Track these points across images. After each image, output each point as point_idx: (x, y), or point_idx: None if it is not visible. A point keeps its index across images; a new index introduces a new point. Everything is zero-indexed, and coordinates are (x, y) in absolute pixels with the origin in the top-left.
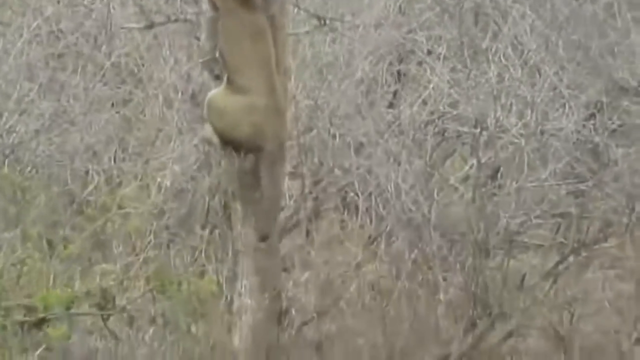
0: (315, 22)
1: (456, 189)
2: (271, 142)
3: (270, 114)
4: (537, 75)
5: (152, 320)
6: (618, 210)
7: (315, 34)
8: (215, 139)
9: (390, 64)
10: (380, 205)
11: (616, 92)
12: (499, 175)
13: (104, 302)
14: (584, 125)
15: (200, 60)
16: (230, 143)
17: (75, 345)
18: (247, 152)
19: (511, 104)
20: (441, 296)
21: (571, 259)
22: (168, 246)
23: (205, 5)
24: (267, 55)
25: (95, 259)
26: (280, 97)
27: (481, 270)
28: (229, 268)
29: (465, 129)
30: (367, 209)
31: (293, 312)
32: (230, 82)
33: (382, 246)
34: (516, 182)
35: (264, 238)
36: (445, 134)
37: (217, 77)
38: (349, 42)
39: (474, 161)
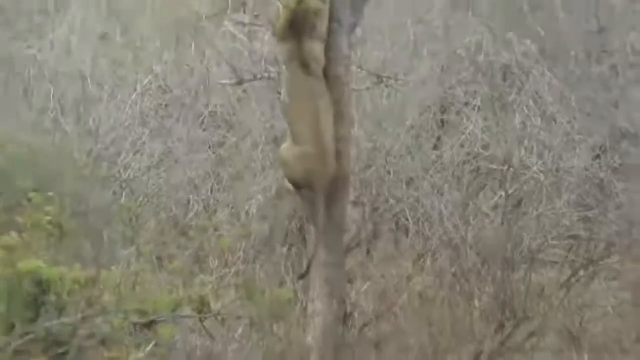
0: (374, 79)
1: (487, 215)
2: (320, 181)
3: (316, 159)
4: (553, 123)
5: (241, 322)
6: (619, 233)
7: (375, 89)
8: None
9: (434, 113)
10: (427, 229)
11: (618, 137)
12: (522, 204)
13: (202, 307)
14: (591, 164)
15: (281, 111)
16: (293, 184)
17: (178, 342)
18: (304, 189)
19: (532, 147)
20: (476, 303)
21: (581, 272)
22: (254, 261)
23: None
24: (317, 111)
25: (195, 272)
26: (327, 145)
27: (508, 281)
28: (304, 279)
29: (495, 167)
30: (415, 232)
31: (355, 315)
32: (290, 134)
33: (428, 262)
34: (536, 210)
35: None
36: (479, 171)
37: None
38: (402, 96)
39: (502, 193)
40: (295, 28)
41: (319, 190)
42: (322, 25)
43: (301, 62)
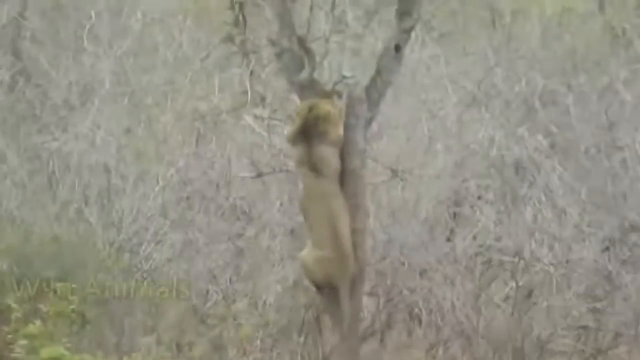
0: (389, 173)
1: (499, 306)
2: (341, 282)
3: (335, 263)
4: (564, 216)
5: None
6: (627, 324)
7: (390, 183)
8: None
9: (448, 206)
10: (439, 319)
11: (627, 230)
12: (532, 295)
13: None
14: (600, 256)
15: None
16: (315, 286)
17: None
18: (324, 289)
19: (543, 239)
20: None
21: None
22: (272, 349)
23: None
24: (333, 215)
25: None
26: (345, 247)
27: None
28: None
29: (507, 259)
30: (428, 322)
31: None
32: (309, 237)
33: (440, 351)
34: (546, 301)
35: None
36: (491, 262)
37: None
38: (416, 189)
39: (513, 284)
40: (306, 134)
41: (341, 289)
42: (335, 130)
43: (311, 166)
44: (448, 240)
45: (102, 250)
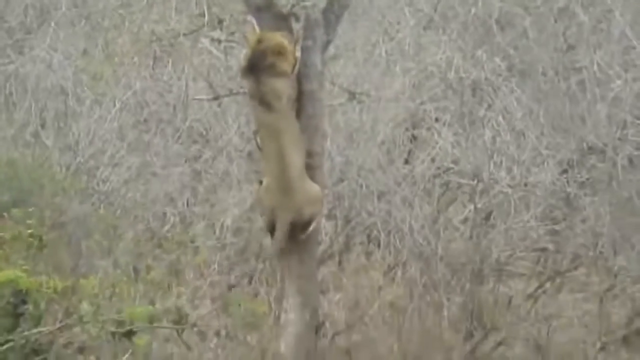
0: (347, 95)
1: (457, 228)
2: (281, 213)
3: (280, 196)
4: (522, 138)
5: (216, 332)
6: (585, 246)
7: (347, 105)
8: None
9: (406, 129)
10: (398, 241)
11: (585, 152)
12: (491, 217)
13: (179, 318)
14: (558, 179)
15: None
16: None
17: (155, 351)
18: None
19: (501, 161)
20: (445, 313)
21: (548, 284)
22: (229, 273)
23: None
24: (281, 151)
25: (172, 283)
26: (291, 182)
27: (477, 293)
28: (277, 289)
29: (465, 181)
30: (387, 244)
31: (327, 325)
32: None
33: (399, 273)
34: (505, 223)
35: None
36: (449, 185)
37: None
38: (374, 112)
39: (472, 206)
40: (255, 67)
41: (279, 221)
42: (285, 62)
43: (260, 99)
44: (406, 162)
45: (59, 173)
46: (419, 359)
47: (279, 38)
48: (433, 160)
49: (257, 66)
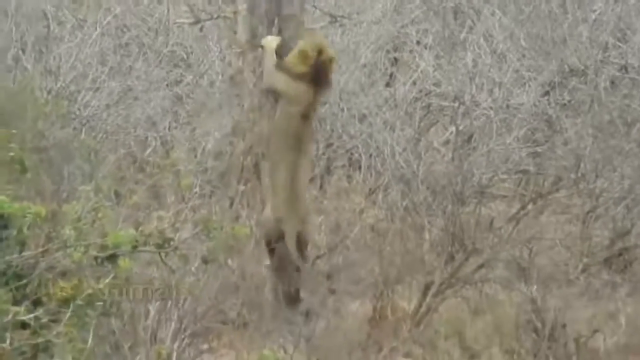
0: (328, 19)
1: (439, 151)
2: (292, 222)
3: (288, 205)
4: (504, 61)
5: (198, 256)
6: (567, 168)
7: (329, 28)
8: None
9: (387, 52)
10: (379, 164)
11: (566, 74)
12: (473, 140)
13: (161, 242)
14: (540, 101)
15: (236, 50)
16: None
17: (137, 274)
18: None
19: (483, 84)
20: (426, 236)
21: (530, 206)
22: (210, 197)
23: (240, 6)
24: (297, 161)
25: (154, 207)
26: (301, 189)
27: (458, 215)
28: (258, 213)
29: (447, 104)
30: (368, 167)
31: (309, 248)
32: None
33: (380, 196)
34: (487, 146)
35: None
36: (431, 108)
37: None
38: (355, 35)
39: (453, 129)
40: (315, 80)
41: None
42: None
43: (305, 111)
44: (387, 85)
45: (40, 97)
46: (400, 282)
47: (331, 50)
48: (414, 83)
49: (318, 80)
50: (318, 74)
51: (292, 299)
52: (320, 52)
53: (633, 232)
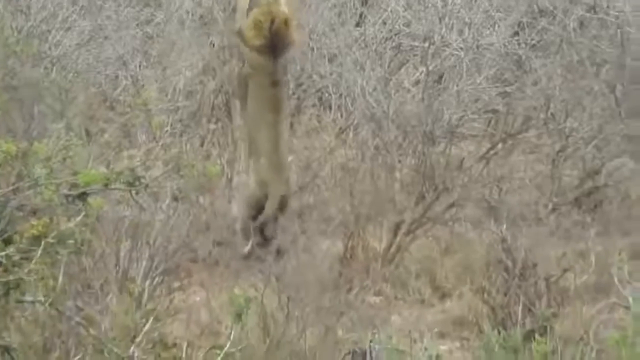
0: None
1: (409, 90)
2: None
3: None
4: (473, 1)
5: (174, 198)
6: (537, 108)
7: None
8: None
9: None
10: (349, 103)
11: (535, 15)
12: (443, 80)
13: (132, 180)
14: (509, 41)
15: None
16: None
17: (108, 213)
18: None
19: (453, 24)
20: (397, 175)
21: (500, 146)
22: (181, 135)
23: None
24: (277, 127)
25: (124, 146)
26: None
27: (429, 154)
28: (229, 152)
29: (417, 44)
30: (338, 106)
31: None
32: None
33: (350, 135)
34: (457, 86)
35: None
36: (401, 48)
37: None
38: None
39: (423, 69)
40: (273, 49)
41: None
42: (293, 32)
43: (272, 77)
44: (357, 25)
45: (11, 36)
46: (371, 221)
47: (284, 10)
48: (384, 22)
49: (276, 48)
50: (274, 45)
51: (264, 238)
52: (272, 19)
53: (603, 171)
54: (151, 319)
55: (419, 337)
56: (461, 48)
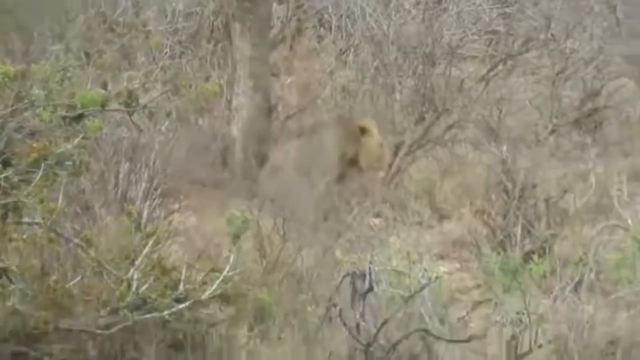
0: None
1: (409, 11)
2: None
3: None
4: None
5: (167, 115)
6: (537, 29)
7: None
8: None
9: None
10: (349, 24)
11: None
12: (443, 0)
13: (130, 101)
14: None
15: None
16: None
17: (106, 134)
18: None
19: None
20: (397, 96)
21: (500, 67)
22: (180, 57)
23: None
24: None
25: (123, 67)
26: None
27: (429, 76)
28: (229, 73)
29: None
30: (338, 27)
31: (280, 108)
32: None
33: (351, 57)
34: (457, 7)
35: None
36: None
37: None
38: None
39: None
40: None
41: None
42: None
43: None
44: None
45: None
46: None
47: None
48: None
49: None
50: None
51: (261, 158)
52: None
53: (603, 92)
54: (150, 241)
55: (419, 259)
56: None
